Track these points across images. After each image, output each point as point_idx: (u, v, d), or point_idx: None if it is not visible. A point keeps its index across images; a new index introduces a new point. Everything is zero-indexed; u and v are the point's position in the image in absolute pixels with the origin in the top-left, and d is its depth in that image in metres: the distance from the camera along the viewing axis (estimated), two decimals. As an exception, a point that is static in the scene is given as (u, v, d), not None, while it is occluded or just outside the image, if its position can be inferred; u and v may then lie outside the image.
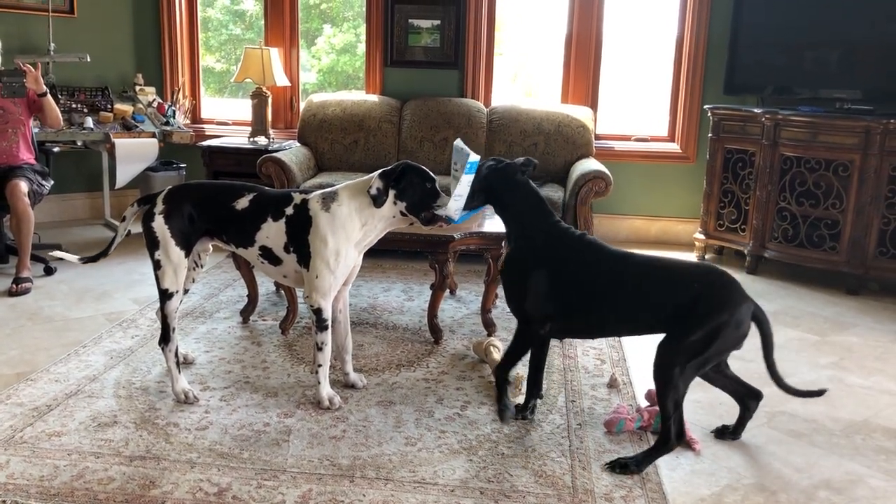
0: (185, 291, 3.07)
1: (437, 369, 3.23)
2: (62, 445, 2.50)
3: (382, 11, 5.61)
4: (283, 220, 2.75)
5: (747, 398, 2.68)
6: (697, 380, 2.53)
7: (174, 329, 2.86)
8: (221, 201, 2.82)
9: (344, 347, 3.01)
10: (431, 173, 2.73)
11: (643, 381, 3.15)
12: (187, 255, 2.83)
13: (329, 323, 2.78)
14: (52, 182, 4.54)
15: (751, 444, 2.69)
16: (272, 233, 2.76)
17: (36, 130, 4.63)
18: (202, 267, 3.11)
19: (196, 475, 2.34)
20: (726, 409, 2.92)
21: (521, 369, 3.16)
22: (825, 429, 2.83)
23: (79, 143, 5.31)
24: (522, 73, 6.60)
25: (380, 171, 2.71)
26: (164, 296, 2.83)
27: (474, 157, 2.61)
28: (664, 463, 2.51)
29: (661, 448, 2.47)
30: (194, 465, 2.40)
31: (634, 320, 2.55)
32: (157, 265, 2.80)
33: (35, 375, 3.03)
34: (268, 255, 2.80)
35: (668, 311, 2.44)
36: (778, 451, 2.65)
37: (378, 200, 2.64)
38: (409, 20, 5.60)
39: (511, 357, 2.72)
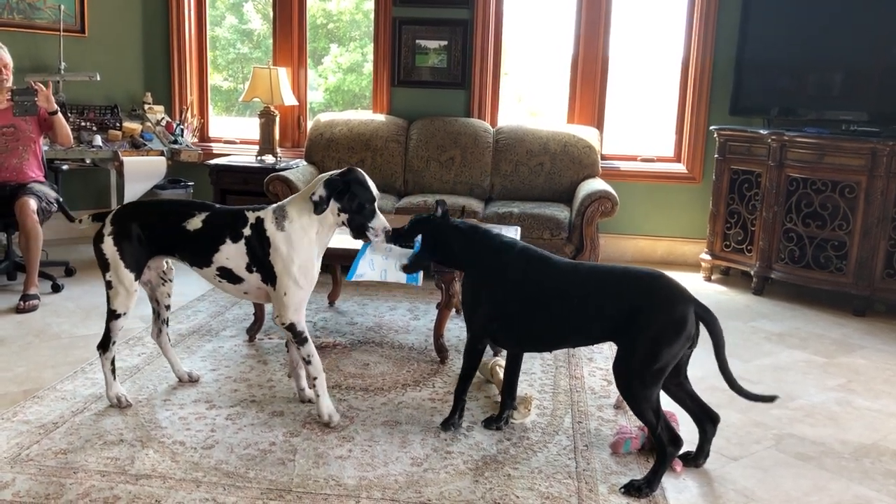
0: (168, 307, 3.12)
1: (444, 389, 3.22)
2: (68, 463, 2.49)
3: (390, 32, 5.65)
4: (243, 241, 2.74)
5: (704, 421, 2.62)
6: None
7: (115, 342, 2.91)
8: (171, 221, 2.80)
9: (299, 363, 2.96)
10: (374, 191, 2.74)
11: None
12: (138, 278, 2.84)
13: (307, 335, 2.77)
14: (61, 199, 4.56)
15: (759, 467, 2.67)
16: (232, 254, 2.75)
17: (45, 148, 4.67)
18: (171, 281, 3.08)
19: (202, 494, 2.34)
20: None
21: (529, 389, 3.16)
22: (834, 452, 2.81)
23: (87, 161, 5.35)
24: (527, 93, 6.64)
25: (326, 176, 2.70)
26: (112, 315, 2.86)
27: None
28: (671, 485, 2.50)
29: (664, 460, 2.45)
30: (200, 484, 2.39)
31: (584, 331, 2.57)
32: (108, 285, 2.83)
33: (42, 393, 3.04)
34: (227, 274, 2.79)
35: (611, 320, 2.47)
36: (786, 474, 2.63)
37: (318, 208, 2.64)
38: (417, 41, 5.64)
39: (466, 375, 2.81)
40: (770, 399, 2.55)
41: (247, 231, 2.74)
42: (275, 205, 2.79)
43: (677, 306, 2.41)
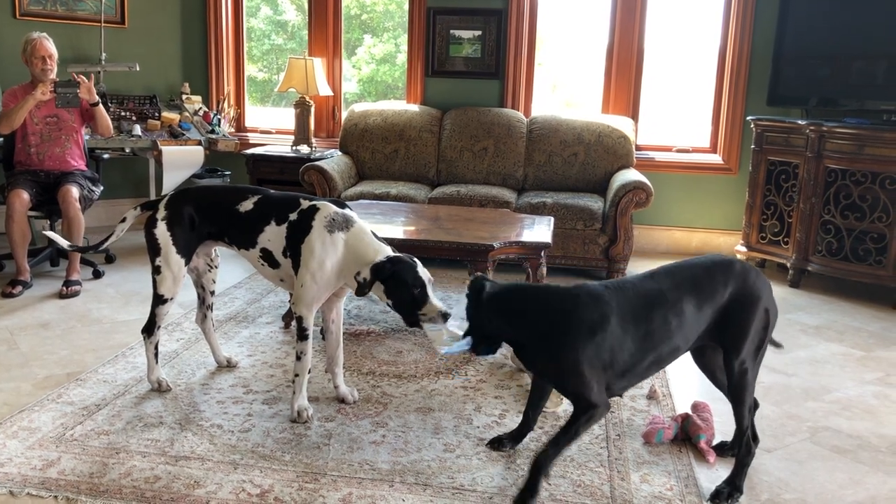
0: (212, 293, 3.16)
1: (476, 377, 3.24)
2: (110, 444, 2.56)
3: (424, 22, 5.67)
4: (286, 224, 2.74)
5: None
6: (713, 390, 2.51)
7: (159, 327, 2.96)
8: (225, 204, 2.84)
9: (334, 360, 2.96)
10: (424, 277, 2.56)
11: (682, 392, 3.14)
12: (187, 263, 2.89)
13: (310, 333, 2.75)
14: (102, 188, 4.66)
15: (793, 459, 2.65)
16: (273, 236, 2.76)
17: (87, 137, 4.77)
18: (217, 267, 3.13)
19: (239, 476, 2.39)
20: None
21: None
22: (870, 445, 2.78)
23: (127, 150, 5.45)
24: (562, 83, 6.61)
25: (376, 262, 2.57)
26: (159, 300, 2.91)
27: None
28: (705, 476, 2.50)
29: (747, 459, 2.40)
30: (237, 467, 2.45)
31: (689, 339, 2.34)
32: (156, 270, 2.87)
33: (84, 376, 3.12)
34: (268, 257, 2.79)
35: (711, 317, 2.32)
36: (821, 467, 2.61)
37: (360, 289, 2.56)
38: (451, 31, 5.65)
39: (567, 446, 2.34)
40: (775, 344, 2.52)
41: (293, 216, 2.74)
42: (346, 210, 2.74)
43: (768, 288, 2.37)
